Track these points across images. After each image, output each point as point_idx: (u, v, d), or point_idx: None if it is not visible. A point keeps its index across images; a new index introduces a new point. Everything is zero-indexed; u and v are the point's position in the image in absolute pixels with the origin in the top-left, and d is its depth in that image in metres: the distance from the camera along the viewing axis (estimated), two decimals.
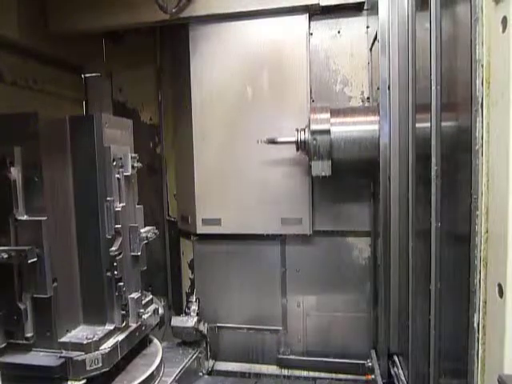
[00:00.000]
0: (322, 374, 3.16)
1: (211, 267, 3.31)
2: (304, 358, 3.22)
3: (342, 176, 2.88)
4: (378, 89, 2.42)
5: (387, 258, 2.42)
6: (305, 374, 3.20)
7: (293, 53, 2.95)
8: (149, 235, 2.42)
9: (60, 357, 2.01)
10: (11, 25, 2.90)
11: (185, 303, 3.42)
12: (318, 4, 2.81)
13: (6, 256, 1.94)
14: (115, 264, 2.17)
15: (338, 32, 3.00)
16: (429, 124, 1.66)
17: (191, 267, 3.47)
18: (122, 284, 2.21)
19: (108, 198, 2.19)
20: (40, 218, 1.99)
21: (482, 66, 1.11)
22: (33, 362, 2.00)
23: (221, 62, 3.05)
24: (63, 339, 2.09)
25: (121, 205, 2.24)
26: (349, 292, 3.14)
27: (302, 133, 2.72)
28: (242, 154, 3.07)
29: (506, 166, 0.98)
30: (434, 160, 1.63)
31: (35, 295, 2.02)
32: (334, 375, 3.14)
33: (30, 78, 3.16)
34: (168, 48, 3.51)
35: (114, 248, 2.16)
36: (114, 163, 2.23)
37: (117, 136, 2.33)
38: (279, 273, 3.23)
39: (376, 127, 2.55)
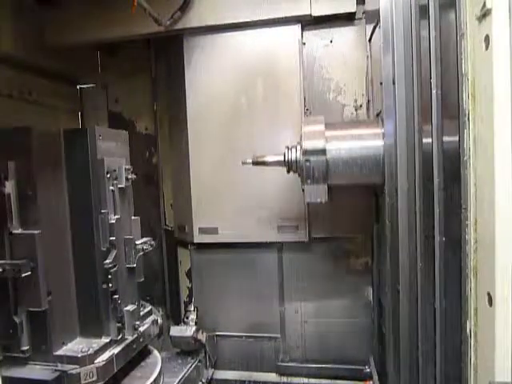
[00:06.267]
0: (322, 381, 3.17)
1: (209, 276, 3.33)
2: (303, 365, 3.23)
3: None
4: (381, 84, 2.04)
5: (395, 284, 2.00)
6: (304, 380, 3.21)
7: (286, 62, 2.98)
8: (145, 247, 2.42)
9: (55, 370, 2.00)
10: (6, 38, 2.92)
11: (183, 312, 3.43)
12: (310, 14, 2.85)
13: (0, 270, 1.95)
14: (110, 276, 2.17)
15: (331, 41, 3.04)
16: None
17: (189, 276, 3.48)
18: (117, 296, 2.21)
19: (102, 211, 2.20)
20: (34, 232, 2.00)
21: (468, 79, 1.14)
22: (28, 376, 2.00)
23: (215, 72, 3.09)
24: (59, 352, 2.08)
25: (115, 217, 2.25)
26: (346, 298, 3.16)
27: (293, 151, 2.36)
28: (237, 163, 3.08)
29: (492, 178, 1.01)
30: (436, 171, 1.51)
31: (30, 308, 2.02)
32: (333, 381, 3.15)
33: (25, 91, 3.18)
34: (163, 59, 3.54)
35: (108, 260, 2.17)
36: (108, 175, 2.24)
37: (111, 148, 2.34)
38: (276, 280, 3.24)
39: (380, 143, 2.13)
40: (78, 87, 3.77)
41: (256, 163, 2.50)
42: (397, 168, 1.85)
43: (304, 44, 3.03)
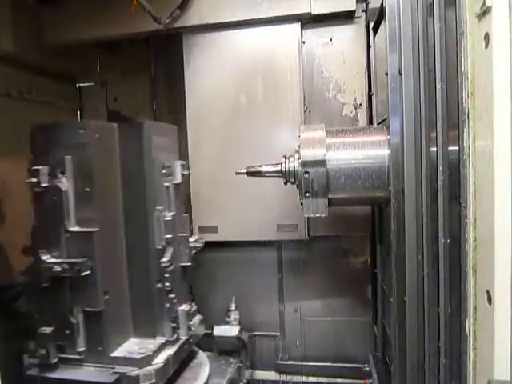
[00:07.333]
0: (321, 379, 3.17)
1: (208, 274, 3.32)
2: (302, 364, 3.23)
3: None
4: (386, 74, 1.93)
5: (401, 292, 1.89)
6: (303, 379, 3.21)
7: (286, 61, 2.98)
8: (197, 245, 2.35)
9: (113, 372, 1.92)
10: (6, 37, 2.91)
11: None
12: (310, 13, 2.85)
13: (59, 269, 1.89)
14: (166, 275, 2.08)
15: (330, 40, 3.04)
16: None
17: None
18: (173, 296, 2.13)
19: (157, 208, 2.11)
20: (91, 230, 1.93)
21: (468, 78, 1.14)
22: (86, 378, 1.92)
23: (215, 71, 3.08)
24: (115, 354, 2.01)
25: (170, 214, 2.17)
26: (346, 296, 3.16)
27: (291, 160, 2.20)
28: (237, 162, 3.07)
29: (492, 177, 1.01)
30: (440, 168, 1.46)
31: (87, 309, 1.95)
32: (332, 380, 3.15)
33: (24, 89, 3.17)
34: (162, 57, 3.53)
35: (165, 259, 2.08)
36: (164, 171, 2.17)
37: (164, 143, 2.25)
38: (276, 279, 3.25)
39: (385, 152, 2.00)
40: (77, 86, 3.77)
41: (251, 173, 2.38)
42: (404, 169, 1.76)
43: (303, 42, 3.03)
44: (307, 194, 2.10)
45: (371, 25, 2.75)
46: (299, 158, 2.11)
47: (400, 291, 1.85)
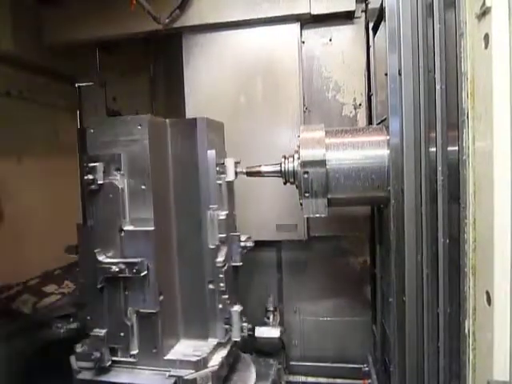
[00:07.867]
0: (320, 379, 3.17)
1: None
2: (301, 364, 3.23)
3: None
4: (386, 75, 1.95)
5: (401, 292, 1.88)
6: (302, 379, 3.21)
7: (285, 61, 2.97)
8: (248, 244, 2.30)
9: (169, 376, 1.87)
10: (5, 36, 2.91)
11: None
12: (309, 13, 2.85)
13: (116, 269, 1.84)
14: (220, 276, 2.03)
15: (330, 40, 3.04)
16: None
17: None
18: (226, 297, 2.08)
19: (211, 206, 2.06)
20: (148, 229, 1.88)
21: (467, 78, 1.14)
22: (143, 382, 1.86)
23: (214, 71, 3.07)
24: (169, 356, 1.94)
25: (224, 213, 2.11)
26: (345, 297, 3.16)
27: (290, 160, 2.22)
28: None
29: (491, 177, 1.01)
30: (439, 169, 1.47)
31: (142, 310, 1.90)
32: (331, 380, 3.15)
33: (24, 89, 3.17)
34: (162, 57, 3.54)
35: (220, 259, 2.03)
36: (217, 169, 2.11)
37: (215, 140, 2.18)
38: (275, 279, 3.24)
39: (384, 152, 2.01)
40: (76, 85, 3.77)
41: (250, 174, 2.38)
42: (403, 169, 1.75)
43: (303, 42, 3.02)
44: (307, 194, 2.10)
45: (371, 25, 2.75)
46: (299, 158, 2.11)
47: (399, 291, 1.84)
